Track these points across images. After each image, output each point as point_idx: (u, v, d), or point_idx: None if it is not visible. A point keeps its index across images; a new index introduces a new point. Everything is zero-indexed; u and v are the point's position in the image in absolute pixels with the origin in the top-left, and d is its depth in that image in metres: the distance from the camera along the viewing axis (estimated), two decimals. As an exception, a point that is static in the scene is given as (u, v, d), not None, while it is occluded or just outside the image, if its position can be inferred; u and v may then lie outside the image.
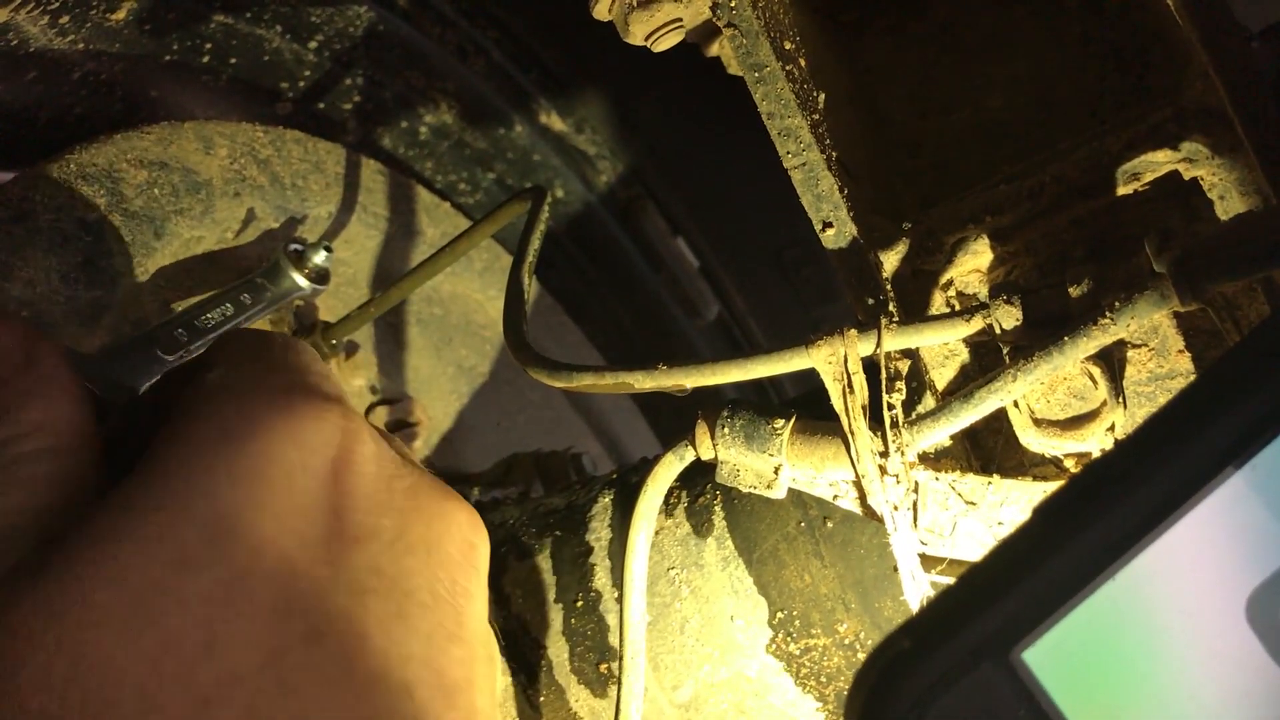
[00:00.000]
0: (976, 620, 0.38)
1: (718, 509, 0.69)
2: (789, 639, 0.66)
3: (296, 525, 0.46)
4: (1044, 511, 0.39)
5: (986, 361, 0.59)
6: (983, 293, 0.59)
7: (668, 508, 0.71)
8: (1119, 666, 0.39)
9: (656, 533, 0.70)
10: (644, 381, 0.59)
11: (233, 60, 0.93)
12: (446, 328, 1.03)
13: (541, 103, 1.15)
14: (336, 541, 0.47)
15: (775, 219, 1.28)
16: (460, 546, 0.51)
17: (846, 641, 0.65)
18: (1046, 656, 0.38)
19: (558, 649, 0.71)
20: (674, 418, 1.27)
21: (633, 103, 1.19)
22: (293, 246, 0.81)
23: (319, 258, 0.81)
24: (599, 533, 0.73)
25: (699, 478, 0.71)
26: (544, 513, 0.77)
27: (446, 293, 1.02)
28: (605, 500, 0.74)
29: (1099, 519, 0.38)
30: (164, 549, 0.44)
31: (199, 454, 0.47)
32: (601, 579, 0.71)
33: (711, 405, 0.63)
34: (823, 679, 0.66)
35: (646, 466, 0.68)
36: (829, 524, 0.66)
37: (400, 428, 0.92)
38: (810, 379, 0.59)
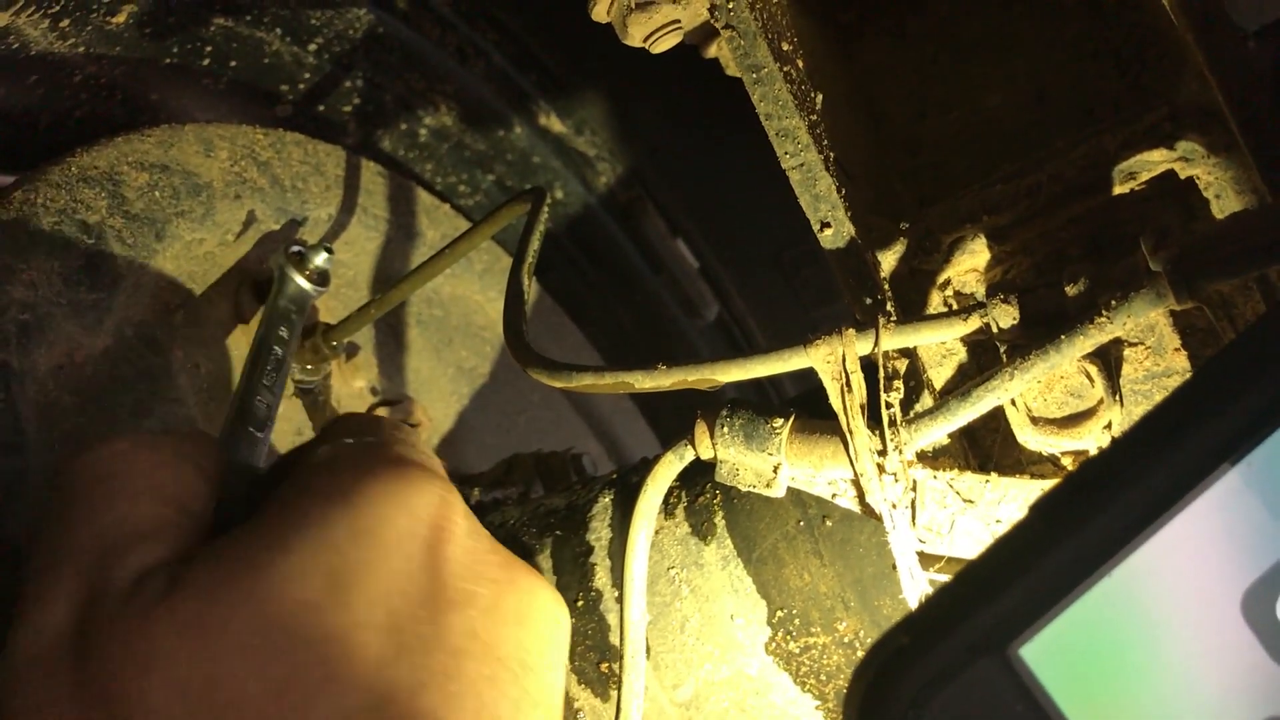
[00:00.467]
0: (974, 616, 0.38)
1: (717, 508, 0.69)
2: (789, 637, 0.66)
3: (403, 585, 0.50)
4: (1041, 508, 0.39)
5: (984, 361, 0.59)
6: (980, 292, 0.60)
7: (668, 507, 0.71)
8: (1116, 662, 0.39)
9: (656, 532, 0.70)
10: (644, 381, 0.59)
11: (233, 63, 0.93)
12: (447, 329, 1.04)
13: (541, 105, 1.15)
14: (437, 602, 0.51)
15: (774, 220, 1.28)
16: (546, 621, 0.55)
17: (846, 640, 0.65)
18: (1044, 652, 0.38)
19: (558, 648, 0.71)
20: (674, 418, 1.28)
21: (632, 104, 1.19)
22: (293, 249, 0.81)
23: (319, 259, 0.81)
24: (599, 532, 0.73)
25: (699, 477, 0.71)
26: (544, 513, 0.78)
27: (447, 294, 1.02)
28: (605, 500, 0.75)
29: (1095, 515, 0.39)
30: (297, 589, 0.48)
31: (324, 510, 0.51)
32: (602, 578, 0.71)
33: (711, 405, 0.63)
34: (822, 677, 0.66)
35: (646, 466, 0.68)
36: (828, 523, 0.66)
37: (401, 429, 0.92)
38: (810, 379, 0.59)
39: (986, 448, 0.59)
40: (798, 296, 1.33)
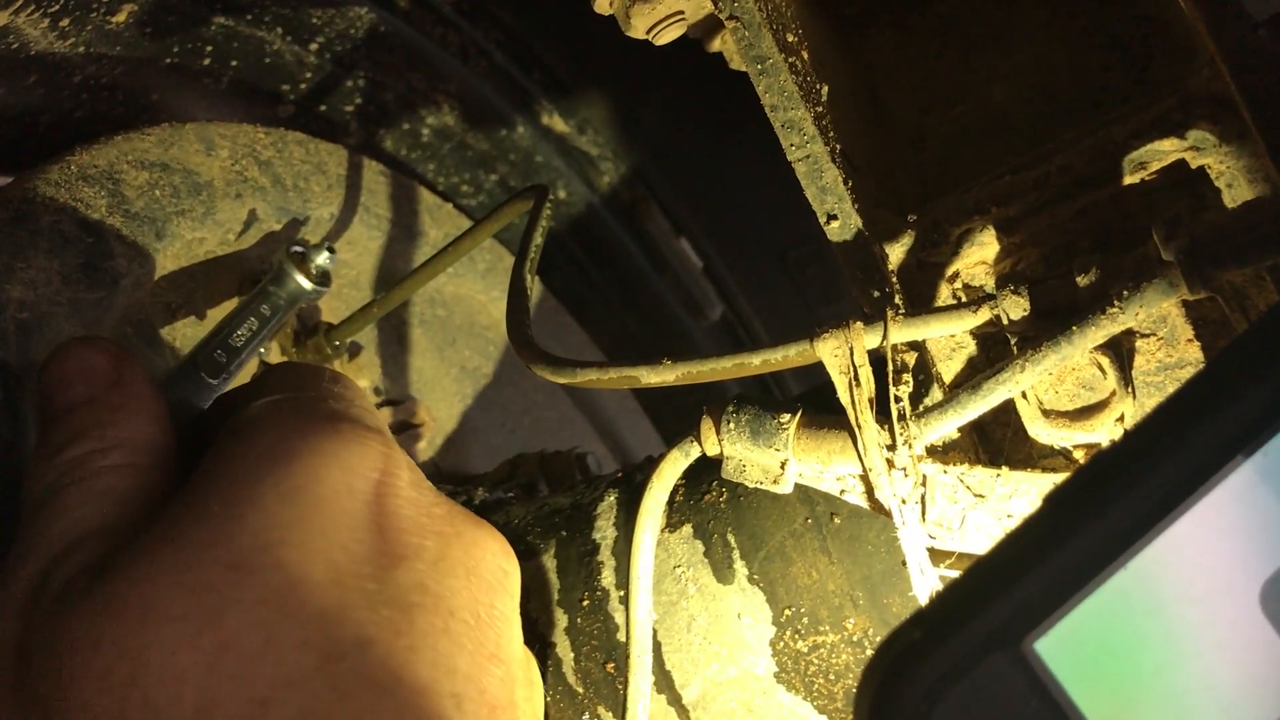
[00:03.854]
0: (987, 610, 0.38)
1: (724, 506, 0.69)
2: (797, 636, 0.65)
3: (343, 541, 0.47)
4: (1053, 501, 0.39)
5: (994, 354, 0.59)
6: (989, 285, 0.59)
7: (673, 505, 0.71)
8: (1132, 656, 0.38)
9: (662, 530, 0.69)
10: (649, 376, 0.59)
11: (234, 63, 0.93)
12: (450, 329, 1.03)
13: (544, 104, 1.15)
14: (382, 558, 0.48)
15: (779, 219, 1.28)
16: (495, 572, 0.53)
17: (855, 638, 0.64)
18: (1058, 647, 0.38)
19: (564, 649, 0.70)
20: (679, 418, 1.27)
21: (635, 104, 1.19)
22: (295, 248, 0.81)
23: (321, 259, 0.81)
24: (604, 531, 0.72)
25: (705, 475, 0.71)
26: (549, 512, 0.77)
27: (450, 294, 1.02)
28: (610, 499, 0.74)
29: (1109, 508, 0.38)
30: (219, 553, 0.45)
31: (248, 471, 0.48)
32: (607, 578, 0.71)
33: (716, 401, 0.63)
34: (831, 676, 0.65)
35: (652, 464, 0.68)
36: (836, 520, 0.65)
37: (404, 429, 0.92)
38: (815, 376, 0.59)
39: (997, 442, 0.59)
40: (803, 296, 1.32)
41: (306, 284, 0.78)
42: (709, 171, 1.26)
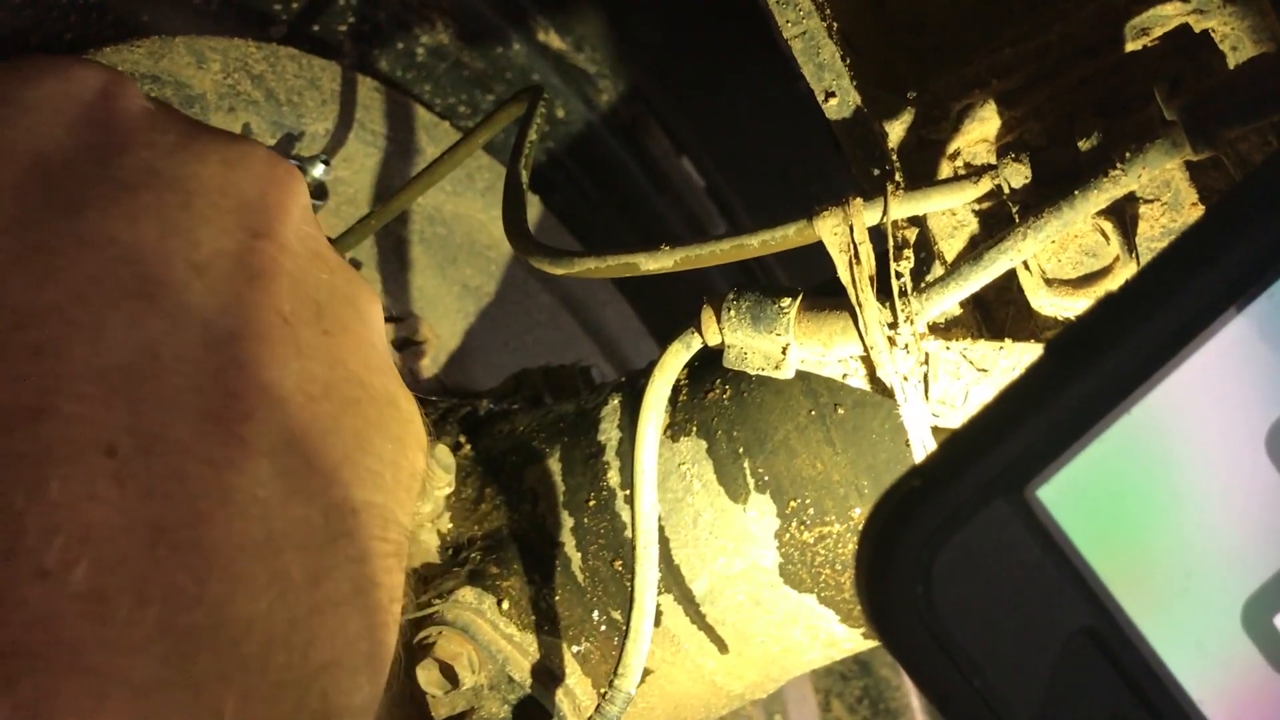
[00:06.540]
0: (988, 458, 0.37)
1: (728, 403, 0.68)
2: (803, 527, 0.65)
3: (55, 135, 0.43)
4: (1054, 347, 0.38)
5: (996, 231, 0.58)
6: (991, 162, 0.58)
7: (676, 405, 0.70)
8: (1136, 502, 0.38)
9: (666, 429, 0.69)
10: (647, 263, 0.58)
11: (223, -20, 0.92)
12: (451, 247, 1.02)
13: (539, 20, 1.13)
14: (105, 149, 0.44)
15: (783, 136, 1.26)
16: (266, 167, 0.48)
17: (860, 528, 0.64)
18: (1061, 493, 0.37)
19: (571, 548, 0.71)
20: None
21: (633, 19, 1.17)
22: (289, 162, 0.80)
23: (317, 171, 0.80)
24: (609, 433, 0.72)
25: (707, 373, 0.70)
26: (554, 419, 0.77)
27: (450, 213, 1.01)
28: (615, 402, 0.74)
29: (1111, 352, 0.37)
30: None
31: None
32: (613, 478, 0.70)
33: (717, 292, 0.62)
34: (838, 566, 0.65)
35: (654, 364, 0.67)
36: (840, 411, 0.65)
37: (406, 345, 0.92)
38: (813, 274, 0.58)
39: (1000, 321, 0.58)
40: (806, 214, 1.31)
41: (301, 195, 0.77)
42: (710, 89, 1.25)
